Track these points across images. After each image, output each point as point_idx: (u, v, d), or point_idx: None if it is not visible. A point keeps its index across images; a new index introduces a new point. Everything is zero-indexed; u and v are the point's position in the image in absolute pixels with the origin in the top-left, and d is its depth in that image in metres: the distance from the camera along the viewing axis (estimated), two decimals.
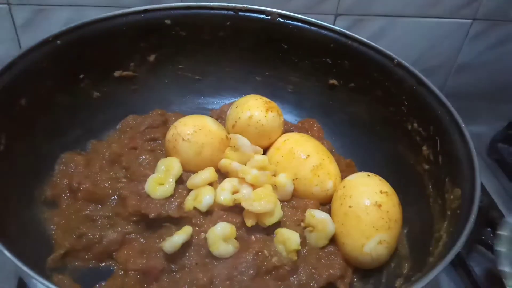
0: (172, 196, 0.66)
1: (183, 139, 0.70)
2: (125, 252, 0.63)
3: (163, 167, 0.69)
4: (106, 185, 0.68)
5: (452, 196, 0.63)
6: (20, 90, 0.67)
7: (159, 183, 0.67)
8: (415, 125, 0.74)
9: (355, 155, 0.82)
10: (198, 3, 0.83)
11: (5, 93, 0.64)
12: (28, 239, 0.61)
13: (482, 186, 0.85)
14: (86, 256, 0.64)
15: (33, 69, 0.69)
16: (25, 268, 0.45)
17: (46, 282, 0.44)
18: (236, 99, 0.80)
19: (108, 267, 0.64)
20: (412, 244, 0.67)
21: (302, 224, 0.68)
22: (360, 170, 0.76)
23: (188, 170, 0.70)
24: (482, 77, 1.09)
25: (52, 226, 0.66)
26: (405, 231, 0.69)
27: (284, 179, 0.70)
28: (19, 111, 0.67)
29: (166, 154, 0.72)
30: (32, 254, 0.49)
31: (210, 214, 0.66)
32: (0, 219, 0.52)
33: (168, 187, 0.66)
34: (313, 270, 0.63)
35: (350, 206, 0.65)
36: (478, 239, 0.78)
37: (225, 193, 0.67)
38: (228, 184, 0.68)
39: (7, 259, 0.64)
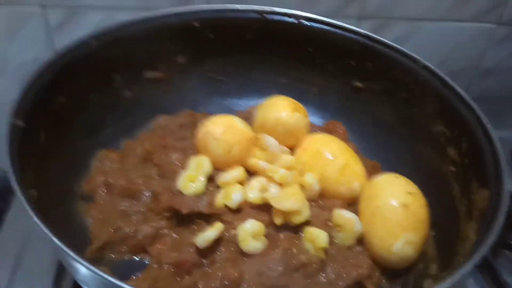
0: (203, 193, 0.68)
1: (213, 138, 0.71)
2: (159, 246, 0.65)
3: (194, 164, 0.70)
4: (140, 181, 0.71)
5: (479, 197, 0.63)
6: (59, 88, 0.70)
7: (191, 180, 0.69)
8: (440, 127, 0.75)
9: (379, 157, 0.82)
10: (225, 6, 0.84)
11: (45, 91, 0.66)
12: (67, 230, 0.63)
13: None
14: (122, 250, 0.66)
15: (71, 68, 0.71)
16: (73, 254, 0.47)
17: (93, 268, 0.46)
18: (261, 101, 0.82)
19: (142, 260, 0.66)
20: (439, 245, 0.68)
21: (329, 223, 0.69)
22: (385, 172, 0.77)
23: (217, 168, 0.72)
24: (506, 82, 1.08)
25: (89, 219, 0.68)
26: (432, 233, 0.69)
27: (311, 179, 0.71)
28: (57, 109, 0.69)
29: (197, 152, 0.74)
30: (71, 244, 0.51)
31: (240, 211, 0.68)
32: (43, 211, 0.54)
33: (199, 184, 0.68)
34: (341, 269, 0.64)
35: (377, 206, 0.66)
36: (504, 244, 0.79)
37: (254, 191, 0.68)
38: (256, 182, 0.70)
39: (45, 252, 0.69)
